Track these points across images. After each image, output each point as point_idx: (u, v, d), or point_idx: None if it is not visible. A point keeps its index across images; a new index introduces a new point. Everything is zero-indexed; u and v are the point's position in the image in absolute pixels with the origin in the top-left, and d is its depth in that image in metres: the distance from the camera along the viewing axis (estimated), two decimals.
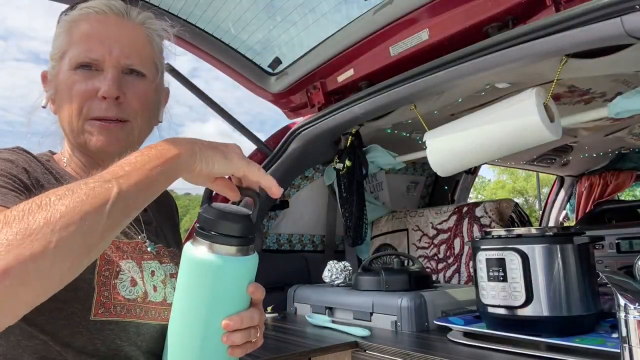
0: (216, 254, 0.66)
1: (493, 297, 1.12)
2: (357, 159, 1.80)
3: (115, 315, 0.75)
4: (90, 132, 0.83)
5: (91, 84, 0.82)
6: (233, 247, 0.67)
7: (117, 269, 0.78)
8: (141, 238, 0.87)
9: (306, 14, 1.57)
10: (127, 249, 0.83)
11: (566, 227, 1.25)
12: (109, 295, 0.75)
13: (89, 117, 0.83)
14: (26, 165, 0.76)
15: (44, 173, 0.80)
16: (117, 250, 0.81)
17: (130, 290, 0.78)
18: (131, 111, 0.85)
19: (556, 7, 1.15)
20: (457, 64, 1.26)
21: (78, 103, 0.82)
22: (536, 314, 1.06)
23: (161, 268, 0.86)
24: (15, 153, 0.79)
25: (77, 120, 0.83)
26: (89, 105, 0.82)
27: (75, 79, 0.83)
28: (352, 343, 1.24)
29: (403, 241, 1.98)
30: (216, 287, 0.67)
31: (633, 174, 2.86)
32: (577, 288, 1.06)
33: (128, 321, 0.76)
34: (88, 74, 0.83)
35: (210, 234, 0.66)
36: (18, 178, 0.72)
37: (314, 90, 1.80)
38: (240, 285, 0.69)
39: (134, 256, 0.83)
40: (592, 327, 1.08)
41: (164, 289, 0.84)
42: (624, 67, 1.19)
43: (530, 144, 1.28)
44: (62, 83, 0.85)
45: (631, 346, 0.75)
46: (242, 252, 0.67)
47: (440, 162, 1.49)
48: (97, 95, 0.82)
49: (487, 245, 1.14)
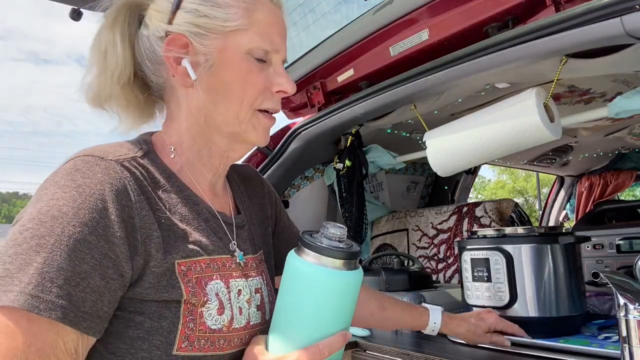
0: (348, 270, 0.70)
1: (477, 297, 1.12)
2: (357, 159, 1.80)
3: (198, 349, 0.69)
4: (255, 124, 0.79)
5: (267, 77, 0.79)
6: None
7: (205, 294, 0.71)
8: (230, 247, 0.80)
9: (306, 14, 1.57)
10: (216, 266, 0.75)
11: (552, 227, 1.25)
12: (194, 326, 0.69)
13: (259, 107, 0.79)
14: (119, 206, 0.66)
15: (145, 192, 0.71)
16: (206, 269, 0.73)
17: (217, 319, 0.72)
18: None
19: (556, 7, 1.15)
20: (457, 64, 1.26)
21: (254, 94, 0.77)
22: (520, 314, 1.06)
23: (247, 285, 0.79)
24: (97, 181, 0.66)
25: (246, 109, 0.78)
26: (262, 98, 0.79)
27: (252, 67, 0.77)
28: (352, 343, 1.24)
29: (403, 241, 1.98)
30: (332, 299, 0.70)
31: (633, 174, 2.86)
32: (562, 289, 1.06)
33: (210, 355, 0.70)
34: (262, 65, 0.79)
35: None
36: (115, 261, 0.65)
37: (314, 90, 1.80)
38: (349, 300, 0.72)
39: (222, 275, 0.75)
40: (577, 328, 1.08)
41: (248, 310, 0.77)
42: (624, 67, 1.19)
43: (530, 144, 1.28)
44: (230, 64, 0.76)
45: (631, 346, 0.75)
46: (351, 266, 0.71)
47: (440, 162, 1.49)
48: (272, 89, 0.80)
49: (472, 245, 1.15)
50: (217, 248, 0.76)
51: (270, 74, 0.80)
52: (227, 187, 0.90)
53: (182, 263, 0.70)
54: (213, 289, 0.72)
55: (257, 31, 0.77)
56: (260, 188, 0.99)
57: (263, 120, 0.80)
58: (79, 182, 0.65)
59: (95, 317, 0.63)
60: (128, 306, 0.67)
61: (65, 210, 0.62)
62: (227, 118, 0.78)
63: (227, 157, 0.84)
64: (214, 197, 0.83)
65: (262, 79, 0.78)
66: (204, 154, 0.81)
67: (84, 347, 0.64)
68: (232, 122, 0.78)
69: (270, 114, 0.81)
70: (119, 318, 0.67)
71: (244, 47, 0.76)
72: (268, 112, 0.81)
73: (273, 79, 0.80)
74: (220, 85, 0.77)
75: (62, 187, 0.64)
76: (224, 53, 0.76)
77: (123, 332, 0.66)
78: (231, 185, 0.92)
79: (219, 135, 0.80)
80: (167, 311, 0.67)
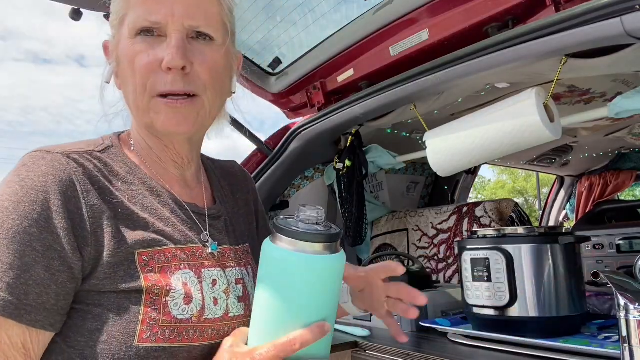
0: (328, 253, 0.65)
1: (477, 297, 1.12)
2: (357, 159, 1.80)
3: (163, 340, 0.66)
4: (156, 111, 0.73)
5: (154, 54, 0.72)
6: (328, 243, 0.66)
7: (169, 284, 0.69)
8: (202, 237, 0.78)
9: (306, 14, 1.57)
10: (184, 256, 0.73)
11: (552, 227, 1.25)
12: (157, 316, 0.67)
13: (155, 93, 0.72)
14: (62, 197, 0.65)
15: (97, 182, 0.70)
16: (172, 259, 0.72)
17: (184, 309, 0.69)
18: (200, 84, 0.74)
19: (556, 7, 1.15)
20: (457, 64, 1.26)
21: (141, 77, 0.72)
22: (520, 314, 1.06)
23: (224, 275, 0.77)
24: (41, 174, 0.66)
25: (142, 97, 0.73)
26: (153, 80, 0.72)
27: (137, 48, 0.72)
28: (352, 343, 1.24)
29: (403, 241, 1.98)
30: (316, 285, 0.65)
31: (633, 174, 2.86)
32: (562, 289, 1.06)
33: (179, 346, 0.67)
34: (150, 41, 0.72)
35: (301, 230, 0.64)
36: (49, 240, 0.63)
37: (314, 90, 1.80)
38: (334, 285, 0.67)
39: (192, 264, 0.73)
40: (577, 328, 1.08)
41: (226, 301, 0.75)
42: (624, 67, 1.19)
43: (530, 144, 1.28)
44: (123, 54, 0.74)
45: (631, 346, 0.75)
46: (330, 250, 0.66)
47: (440, 162, 1.49)
48: (161, 67, 0.71)
49: (472, 245, 1.15)
50: (185, 238, 0.75)
51: (164, 49, 0.72)
52: (203, 180, 0.88)
53: (144, 253, 0.69)
54: (180, 279, 0.70)
55: (134, 8, 0.73)
56: (245, 184, 0.98)
57: (163, 107, 0.73)
58: (22, 176, 0.65)
59: (42, 309, 0.62)
60: (86, 299, 0.66)
61: (6, 205, 0.63)
62: (133, 110, 0.76)
63: (174, 149, 0.81)
64: (183, 189, 0.82)
65: (149, 59, 0.72)
66: (153, 149, 0.80)
67: (35, 342, 0.63)
68: (137, 114, 0.76)
69: (172, 97, 0.73)
70: (78, 311, 0.66)
71: (127, 31, 0.73)
72: (167, 96, 0.73)
73: (164, 54, 0.71)
74: (122, 79, 0.76)
75: (8, 183, 0.65)
76: (119, 45, 0.75)
77: (81, 325, 0.65)
78: (210, 178, 0.91)
79: (145, 129, 0.79)
80: (126, 302, 0.66)
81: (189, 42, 0.73)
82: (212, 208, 0.84)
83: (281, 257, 0.65)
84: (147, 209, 0.74)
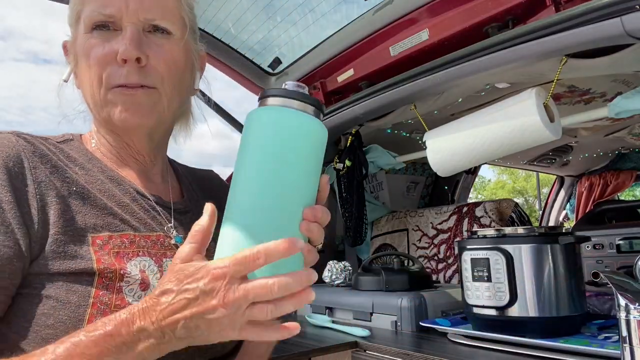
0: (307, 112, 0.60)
1: (477, 297, 1.12)
2: (357, 159, 1.80)
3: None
4: (113, 102, 0.72)
5: (109, 46, 0.71)
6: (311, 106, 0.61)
7: (123, 268, 0.67)
8: (167, 229, 0.76)
9: (306, 14, 1.57)
10: (144, 243, 0.72)
11: (552, 227, 1.25)
12: (109, 301, 0.64)
13: (110, 85, 0.71)
14: (7, 173, 0.64)
15: (50, 161, 0.69)
16: (130, 244, 0.70)
17: (140, 295, 0.66)
18: (156, 76, 0.73)
19: (556, 7, 1.15)
20: (457, 64, 1.26)
21: (97, 71, 0.71)
22: (520, 314, 1.06)
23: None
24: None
25: (98, 91, 0.72)
26: (108, 72, 0.71)
27: (92, 42, 0.72)
28: (352, 343, 1.24)
29: (403, 241, 1.98)
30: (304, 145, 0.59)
31: (633, 174, 2.86)
32: (562, 288, 1.06)
33: None
34: (106, 35, 0.72)
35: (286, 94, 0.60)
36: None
37: (314, 90, 1.80)
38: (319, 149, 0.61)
39: (152, 252, 0.71)
40: (577, 328, 1.08)
41: None
42: (624, 67, 1.19)
43: (530, 144, 1.28)
44: (80, 50, 0.74)
45: (632, 346, 0.75)
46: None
47: (440, 162, 1.49)
48: (116, 60, 0.70)
49: (472, 245, 1.15)
50: (145, 226, 0.73)
51: (119, 42, 0.71)
52: (170, 180, 0.86)
53: (99, 237, 0.67)
54: (137, 265, 0.68)
55: (89, 3, 0.73)
56: (219, 190, 0.94)
57: (119, 96, 0.71)
58: None
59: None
60: (34, 282, 0.63)
61: None
62: (91, 106, 0.75)
63: (134, 147, 0.79)
64: (147, 183, 0.80)
65: (104, 50, 0.71)
66: (114, 147, 0.79)
67: None
68: (95, 109, 0.74)
69: (128, 87, 0.72)
70: (25, 296, 0.63)
71: (83, 27, 0.73)
72: (125, 87, 0.72)
73: (119, 46, 0.71)
74: (79, 76, 0.76)
75: None
76: (76, 42, 0.75)
77: (28, 309, 0.63)
78: (181, 180, 0.89)
79: (104, 126, 0.77)
80: (76, 285, 0.63)
81: (146, 35, 0.73)
82: (179, 202, 0.82)
83: (272, 117, 0.59)
84: (106, 193, 0.72)
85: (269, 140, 0.58)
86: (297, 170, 0.58)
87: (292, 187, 0.58)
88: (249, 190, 0.57)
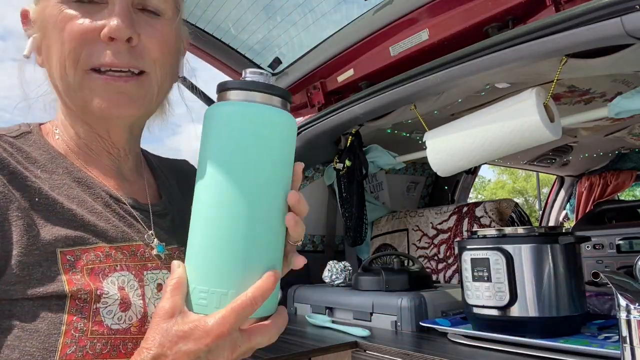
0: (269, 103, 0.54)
1: (477, 297, 1.12)
2: (357, 159, 1.80)
3: (94, 355, 0.55)
4: (91, 88, 0.62)
5: (91, 21, 0.60)
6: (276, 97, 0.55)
7: (100, 287, 0.58)
8: (147, 237, 0.67)
9: (306, 14, 1.57)
10: (121, 255, 0.62)
11: (552, 227, 1.26)
12: (85, 327, 0.56)
13: (89, 66, 0.61)
14: None
15: (7, 166, 0.59)
16: (106, 259, 0.61)
17: (120, 317, 0.58)
18: (149, 59, 0.64)
19: (556, 7, 1.15)
20: (457, 64, 1.26)
21: (74, 47, 0.60)
22: (520, 314, 1.06)
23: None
24: None
25: (72, 72, 0.61)
26: (89, 50, 0.60)
27: (69, 14, 0.60)
28: (352, 343, 1.24)
29: (403, 241, 1.98)
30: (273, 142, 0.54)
31: (633, 174, 2.86)
32: (562, 289, 1.06)
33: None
34: (87, 7, 0.61)
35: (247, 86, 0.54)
36: None
37: (314, 90, 1.80)
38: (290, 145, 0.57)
39: (132, 265, 0.63)
40: (577, 328, 1.08)
41: None
42: (624, 67, 1.19)
43: (530, 144, 1.28)
44: (50, 21, 0.61)
45: (633, 346, 0.75)
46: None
47: (440, 162, 1.49)
48: (100, 37, 0.60)
49: (472, 245, 1.15)
50: (122, 235, 0.64)
51: (105, 16, 0.61)
52: (145, 175, 0.77)
53: (69, 252, 0.58)
54: (115, 282, 0.60)
55: None
56: (188, 171, 0.87)
57: (101, 84, 0.61)
58: None
59: None
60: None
61: None
62: (61, 89, 0.64)
63: (109, 139, 0.69)
64: (120, 183, 0.70)
65: (84, 25, 0.60)
66: (82, 138, 0.68)
67: None
68: (66, 93, 0.64)
69: (111, 73, 0.62)
70: None
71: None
72: (107, 72, 0.62)
73: (106, 21, 0.61)
74: (47, 51, 0.64)
75: None
76: (45, 12, 0.63)
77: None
78: (155, 174, 0.81)
79: (76, 112, 0.66)
80: (44, 310, 0.55)
81: (135, 12, 0.63)
82: (156, 204, 0.73)
83: (226, 111, 0.53)
84: (73, 200, 0.62)
85: (232, 143, 0.52)
86: (265, 174, 0.54)
87: (262, 191, 0.54)
88: (214, 202, 0.53)
